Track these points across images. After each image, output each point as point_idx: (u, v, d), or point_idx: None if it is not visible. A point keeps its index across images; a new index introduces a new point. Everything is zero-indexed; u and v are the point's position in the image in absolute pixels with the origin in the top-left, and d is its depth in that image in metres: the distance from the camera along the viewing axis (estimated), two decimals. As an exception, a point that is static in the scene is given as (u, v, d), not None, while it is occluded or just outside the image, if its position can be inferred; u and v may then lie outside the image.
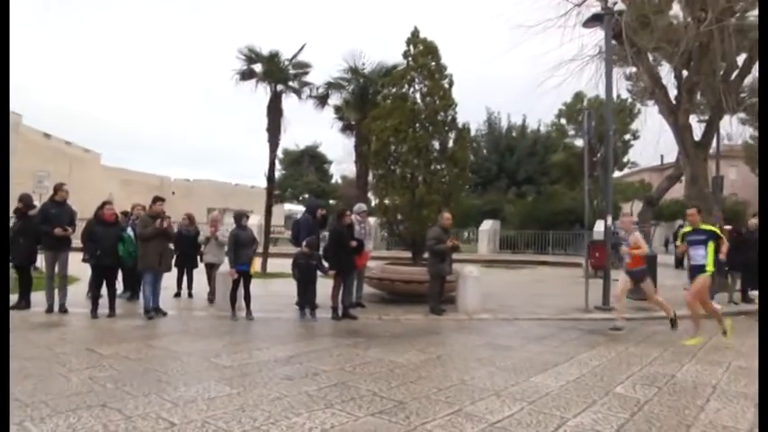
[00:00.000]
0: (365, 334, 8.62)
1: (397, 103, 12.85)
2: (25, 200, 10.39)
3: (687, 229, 8.90)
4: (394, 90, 13.27)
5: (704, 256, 8.35)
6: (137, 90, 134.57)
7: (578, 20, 15.81)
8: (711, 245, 8.37)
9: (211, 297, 11.15)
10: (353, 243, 9.98)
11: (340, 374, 6.11)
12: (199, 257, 11.80)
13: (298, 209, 56.57)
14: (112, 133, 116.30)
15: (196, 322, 9.47)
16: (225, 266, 10.59)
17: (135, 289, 10.99)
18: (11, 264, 10.18)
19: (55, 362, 6.40)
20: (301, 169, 51.70)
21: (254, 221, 22.15)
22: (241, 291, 9.71)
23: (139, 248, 9.56)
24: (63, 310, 9.73)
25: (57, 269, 9.85)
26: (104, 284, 9.61)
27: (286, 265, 11.58)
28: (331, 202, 45.63)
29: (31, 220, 10.11)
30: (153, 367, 6.23)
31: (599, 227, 18.92)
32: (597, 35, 16.35)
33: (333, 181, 54.01)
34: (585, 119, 12.76)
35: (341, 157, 52.55)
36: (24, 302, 10.05)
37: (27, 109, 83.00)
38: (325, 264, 9.93)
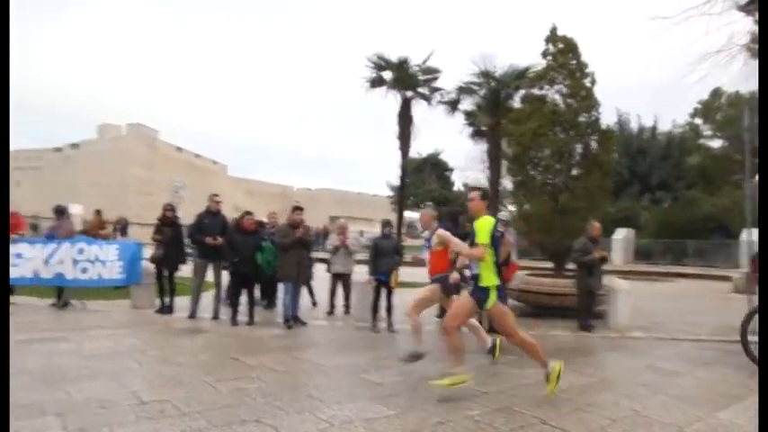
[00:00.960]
0: (516, 351, 7.95)
1: (536, 105, 12.22)
2: (172, 209, 10.69)
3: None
4: (532, 92, 12.66)
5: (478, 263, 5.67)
6: (260, 103, 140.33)
7: (725, 6, 14.44)
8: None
9: (346, 308, 10.90)
10: (499, 253, 9.39)
11: (500, 397, 5.59)
12: (326, 267, 11.50)
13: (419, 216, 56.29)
14: (238, 145, 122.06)
15: (336, 333, 9.24)
16: (357, 275, 10.37)
17: (272, 297, 10.93)
18: (155, 268, 10.49)
19: (202, 370, 6.32)
20: (423, 177, 51.43)
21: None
22: (382, 302, 9.38)
23: (278, 258, 9.48)
24: (215, 316, 9.80)
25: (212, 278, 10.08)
26: (243, 292, 9.62)
27: (415, 273, 11.17)
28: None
29: (180, 228, 10.36)
30: (301, 381, 6.00)
31: (747, 236, 17.10)
32: (746, 22, 14.88)
33: (454, 188, 53.23)
34: (746, 114, 11.49)
35: (464, 164, 51.89)
36: (168, 307, 10.28)
37: (162, 126, 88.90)
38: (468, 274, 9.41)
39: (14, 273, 10.75)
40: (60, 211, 11.73)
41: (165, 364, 6.53)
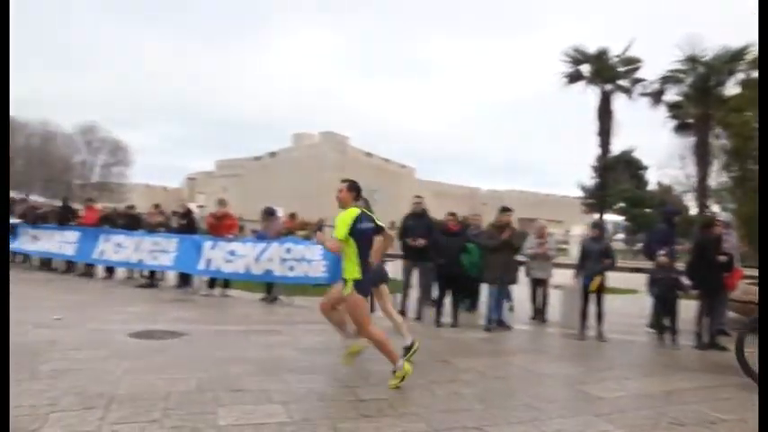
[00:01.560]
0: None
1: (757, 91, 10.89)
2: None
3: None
4: (751, 75, 11.34)
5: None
6: (448, 106, 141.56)
7: None
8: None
9: (541, 315, 10.40)
10: (722, 258, 8.47)
11: (743, 427, 4.91)
12: (524, 271, 11.03)
13: (609, 218, 53.29)
14: (427, 148, 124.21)
15: (543, 340, 8.89)
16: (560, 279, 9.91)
17: (475, 300, 10.79)
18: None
19: (414, 370, 6.27)
20: (616, 176, 48.24)
21: (577, 232, 21.15)
22: (591, 308, 8.88)
23: (484, 259, 9.30)
24: (418, 317, 9.82)
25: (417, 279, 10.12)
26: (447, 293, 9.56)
27: (619, 279, 10.47)
28: (647, 210, 42.11)
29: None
30: (517, 388, 5.75)
31: None
32: None
33: (648, 188, 49.35)
34: None
35: (661, 161, 48.14)
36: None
37: (353, 132, 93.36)
38: (686, 281, 8.61)
39: (229, 268, 11.63)
40: (270, 213, 12.49)
41: (376, 363, 6.57)
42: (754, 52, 12.11)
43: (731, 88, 12.39)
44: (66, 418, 4.22)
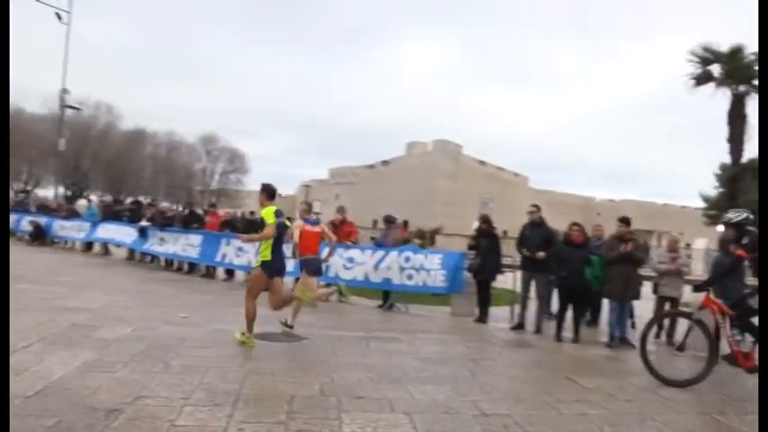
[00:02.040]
0: None
1: None
2: (489, 220, 10.76)
3: None
4: None
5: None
6: (559, 113, 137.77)
7: None
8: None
9: (669, 337, 9.59)
10: None
11: None
12: (652, 288, 10.31)
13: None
14: (539, 157, 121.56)
15: (671, 362, 8.28)
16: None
17: (595, 314, 10.35)
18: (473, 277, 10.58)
19: (539, 387, 6.07)
20: (744, 185, 44.56)
21: (700, 245, 19.83)
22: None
23: (605, 273, 8.91)
24: (538, 330, 9.59)
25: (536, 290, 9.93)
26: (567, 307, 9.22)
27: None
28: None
29: (497, 238, 10.45)
30: (648, 413, 5.35)
31: None
32: None
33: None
34: None
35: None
36: (483, 316, 10.32)
37: (466, 140, 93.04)
38: None
39: (347, 275, 11.68)
40: (390, 221, 12.56)
41: (499, 376, 6.42)
42: None
43: None
44: (198, 413, 4.36)
